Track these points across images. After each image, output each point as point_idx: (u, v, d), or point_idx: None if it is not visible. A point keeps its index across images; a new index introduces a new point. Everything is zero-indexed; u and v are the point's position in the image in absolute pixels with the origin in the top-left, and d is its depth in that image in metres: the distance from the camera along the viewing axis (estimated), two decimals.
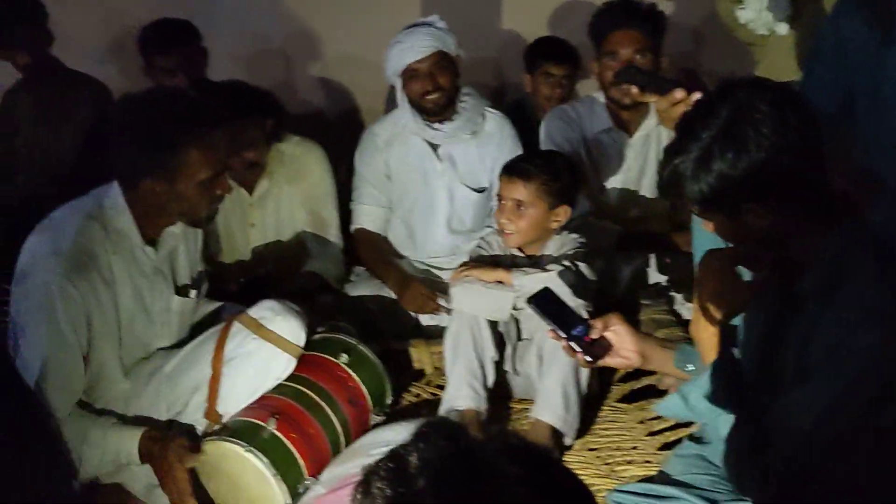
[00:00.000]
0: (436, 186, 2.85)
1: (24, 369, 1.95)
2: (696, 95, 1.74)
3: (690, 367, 1.76)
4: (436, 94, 2.70)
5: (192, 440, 2.02)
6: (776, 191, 1.41)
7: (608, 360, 1.75)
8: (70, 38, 3.52)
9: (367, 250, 2.88)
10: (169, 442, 1.98)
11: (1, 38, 3.15)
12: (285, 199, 2.86)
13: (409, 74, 2.72)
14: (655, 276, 2.70)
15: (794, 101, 1.42)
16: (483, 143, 2.85)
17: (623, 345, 1.73)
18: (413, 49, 2.69)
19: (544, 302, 1.80)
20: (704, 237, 1.98)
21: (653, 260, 2.70)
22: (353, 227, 2.91)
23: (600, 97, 2.83)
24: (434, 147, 2.84)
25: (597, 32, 2.71)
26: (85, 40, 3.72)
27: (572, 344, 1.70)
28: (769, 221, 1.43)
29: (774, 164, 1.38)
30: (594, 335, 1.72)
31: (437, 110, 2.74)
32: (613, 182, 2.88)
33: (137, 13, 3.65)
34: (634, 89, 1.91)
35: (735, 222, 1.45)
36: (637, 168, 2.86)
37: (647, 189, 2.88)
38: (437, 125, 2.79)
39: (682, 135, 1.45)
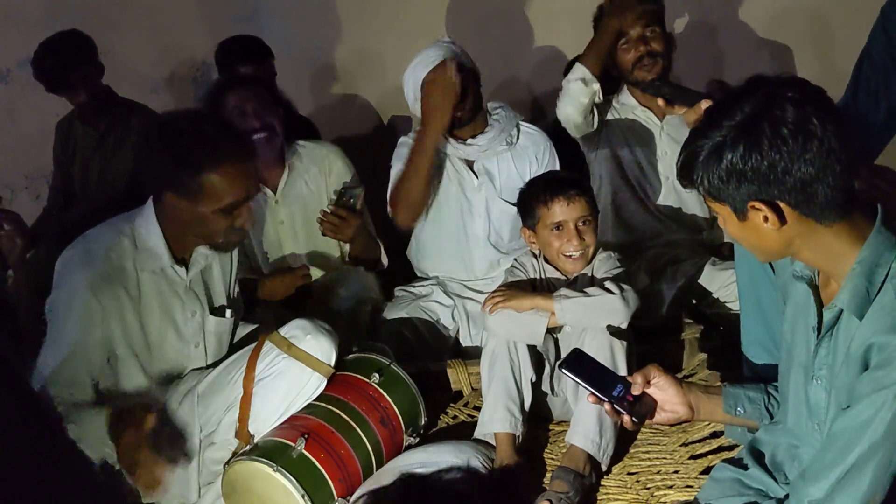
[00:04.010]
0: (473, 200, 2.83)
1: (41, 368, 2.03)
2: None
3: (741, 410, 1.71)
4: (460, 102, 2.66)
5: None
6: (787, 196, 1.35)
7: (656, 418, 1.70)
8: (125, 68, 3.65)
9: (398, 186, 2.75)
10: (128, 413, 1.98)
11: (58, 83, 3.27)
12: (311, 196, 2.86)
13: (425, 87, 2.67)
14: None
15: (822, 108, 1.36)
16: (519, 156, 2.82)
17: (668, 398, 1.69)
18: (422, 63, 2.67)
19: (577, 365, 1.73)
20: (745, 251, 1.93)
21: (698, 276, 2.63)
22: (388, 193, 2.82)
23: (626, 89, 2.88)
24: (470, 163, 2.82)
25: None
26: (140, 70, 3.85)
27: (616, 406, 1.65)
28: (777, 226, 1.37)
29: (786, 168, 1.33)
30: (635, 391, 1.67)
31: (465, 119, 2.71)
32: (649, 171, 2.86)
33: (191, 45, 3.78)
34: (661, 102, 1.88)
35: (741, 220, 1.41)
36: (672, 153, 2.81)
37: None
38: (469, 140, 2.77)
39: (707, 120, 1.43)
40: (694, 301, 2.65)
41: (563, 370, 1.74)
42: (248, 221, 2.09)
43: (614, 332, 2.18)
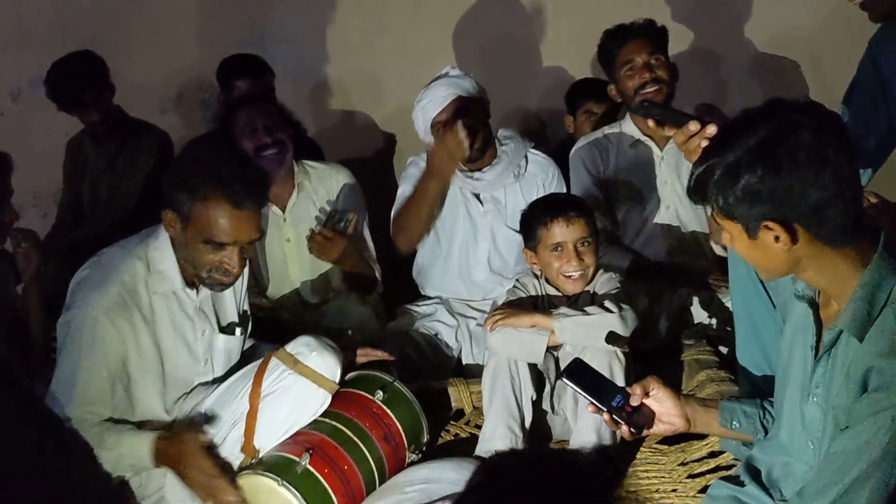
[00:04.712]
0: (479, 226, 2.88)
1: (56, 392, 2.07)
2: (712, 128, 1.74)
3: (737, 424, 1.75)
4: (468, 139, 2.72)
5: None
6: (801, 218, 1.40)
7: (653, 429, 1.74)
8: (135, 89, 3.72)
9: (403, 212, 2.82)
10: (180, 436, 2.04)
11: (71, 102, 3.33)
12: (318, 215, 2.90)
13: (437, 129, 2.75)
14: (699, 316, 2.66)
15: (837, 135, 1.41)
16: (527, 184, 2.87)
17: (665, 410, 1.74)
18: (433, 102, 2.73)
19: (578, 374, 1.77)
20: (740, 271, 1.97)
21: (695, 299, 2.67)
22: (393, 211, 2.87)
23: (628, 117, 2.91)
24: (476, 193, 2.87)
25: (608, 54, 2.85)
26: (149, 91, 3.92)
27: (614, 416, 1.69)
28: (788, 246, 1.42)
29: (802, 192, 1.38)
30: (634, 402, 1.71)
31: (475, 155, 2.76)
32: (650, 200, 2.90)
33: (199, 67, 3.84)
34: (652, 123, 1.92)
35: (752, 238, 1.45)
36: (672, 182, 2.86)
37: (691, 206, 2.87)
38: (478, 174, 2.81)
39: (721, 140, 1.47)
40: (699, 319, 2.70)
41: (564, 379, 1.78)
42: (236, 267, 2.09)
43: (613, 351, 2.22)
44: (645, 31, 2.80)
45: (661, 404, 1.73)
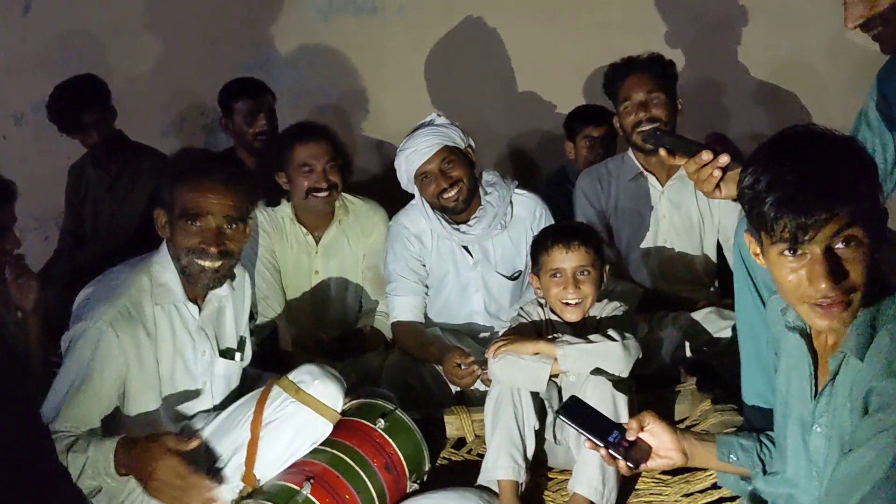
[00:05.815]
0: (469, 278, 2.86)
1: (51, 400, 2.05)
2: (724, 157, 1.74)
3: (734, 458, 1.74)
4: (452, 190, 2.71)
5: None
6: None
7: (650, 464, 1.74)
8: (137, 113, 3.74)
9: (407, 340, 2.84)
10: (152, 440, 1.93)
11: (72, 124, 3.35)
12: (349, 252, 2.95)
13: (421, 178, 2.75)
14: (700, 343, 2.66)
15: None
16: (515, 227, 2.86)
17: (661, 444, 1.74)
18: (417, 152, 2.72)
19: (574, 411, 1.79)
20: (746, 300, 1.97)
21: (697, 325, 2.66)
22: (391, 320, 2.90)
23: (630, 150, 2.92)
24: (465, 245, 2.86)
25: (611, 87, 2.86)
26: (151, 115, 3.94)
27: (612, 452, 1.70)
28: None
29: None
30: (630, 437, 1.72)
31: (460, 207, 2.75)
32: (648, 233, 2.89)
33: (201, 91, 3.86)
34: (663, 152, 1.92)
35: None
36: (671, 217, 2.85)
37: (687, 240, 2.85)
38: (464, 227, 2.79)
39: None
40: (691, 353, 2.68)
41: (561, 416, 1.78)
42: (213, 245, 2.13)
43: (616, 381, 2.21)
44: (648, 65, 2.79)
45: (658, 438, 1.73)
